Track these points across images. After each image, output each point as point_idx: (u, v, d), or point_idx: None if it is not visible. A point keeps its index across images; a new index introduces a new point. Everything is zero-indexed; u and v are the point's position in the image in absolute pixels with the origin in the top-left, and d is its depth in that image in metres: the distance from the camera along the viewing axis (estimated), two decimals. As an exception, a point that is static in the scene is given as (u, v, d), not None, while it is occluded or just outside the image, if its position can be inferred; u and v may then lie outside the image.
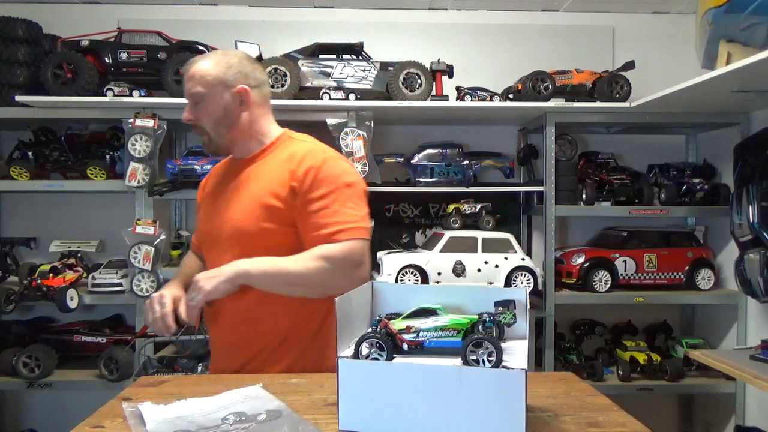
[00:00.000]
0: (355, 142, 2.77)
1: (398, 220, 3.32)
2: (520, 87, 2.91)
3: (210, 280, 1.50)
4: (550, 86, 2.88)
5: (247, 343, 1.60)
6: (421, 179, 3.01)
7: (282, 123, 3.09)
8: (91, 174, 2.86)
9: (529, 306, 1.09)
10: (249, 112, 1.66)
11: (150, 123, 2.73)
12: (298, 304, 1.58)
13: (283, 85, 2.77)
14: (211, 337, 1.74)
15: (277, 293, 1.55)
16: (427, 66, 2.87)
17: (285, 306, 1.57)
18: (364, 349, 1.08)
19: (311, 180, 1.55)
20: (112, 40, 2.84)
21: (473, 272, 2.75)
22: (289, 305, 1.57)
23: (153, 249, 2.73)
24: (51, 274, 2.76)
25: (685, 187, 3.03)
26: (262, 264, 1.52)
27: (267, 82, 1.75)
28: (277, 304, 1.57)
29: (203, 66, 1.64)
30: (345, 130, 2.79)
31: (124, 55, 2.81)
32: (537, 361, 2.91)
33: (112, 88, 2.75)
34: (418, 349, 1.10)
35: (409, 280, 2.70)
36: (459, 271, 2.74)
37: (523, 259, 2.80)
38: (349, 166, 1.67)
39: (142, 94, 2.75)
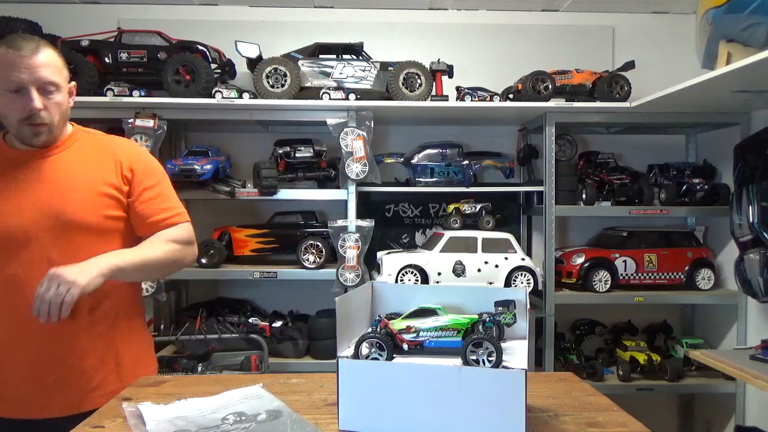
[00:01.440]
0: (355, 142, 2.77)
1: (398, 220, 3.32)
2: (520, 87, 2.91)
3: (82, 274, 1.40)
4: (550, 86, 2.88)
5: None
6: (421, 179, 3.01)
7: (282, 123, 3.11)
8: (91, 174, 2.85)
9: (529, 306, 1.09)
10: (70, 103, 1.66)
11: (150, 123, 2.73)
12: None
13: (283, 85, 2.77)
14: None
15: (137, 281, 1.69)
16: (427, 66, 2.87)
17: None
18: (364, 349, 1.08)
19: (143, 170, 1.68)
20: (112, 40, 2.84)
21: (473, 272, 2.75)
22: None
23: (153, 249, 2.72)
24: (51, 274, 2.75)
25: (685, 187, 3.03)
26: (127, 256, 1.54)
27: None
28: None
29: (53, 54, 1.55)
30: (345, 130, 2.79)
31: (124, 55, 2.81)
32: (537, 361, 2.91)
33: (112, 88, 2.75)
34: (418, 349, 1.10)
35: (409, 280, 2.70)
36: (459, 271, 2.75)
37: (523, 259, 2.80)
38: None
39: (142, 94, 2.75)
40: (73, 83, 1.65)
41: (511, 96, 2.96)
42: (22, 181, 1.56)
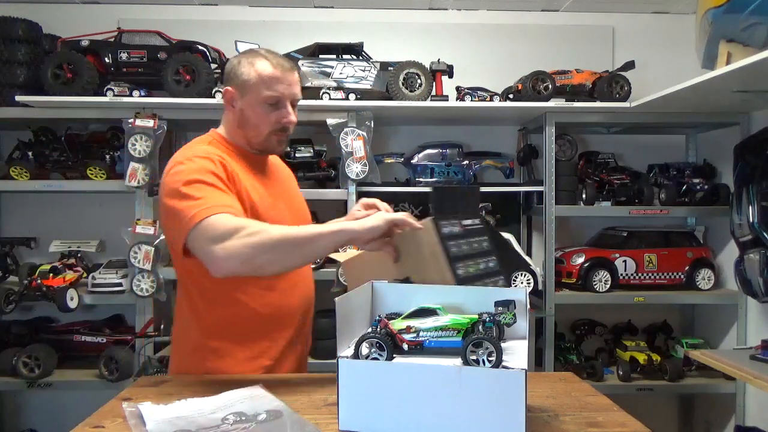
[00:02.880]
0: (355, 142, 2.77)
1: (398, 220, 3.31)
2: (520, 87, 2.91)
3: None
4: (550, 86, 2.88)
5: None
6: (421, 179, 3.01)
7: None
8: (91, 174, 2.86)
9: (529, 306, 1.09)
10: None
11: (150, 123, 2.73)
12: None
13: (283, 85, 2.76)
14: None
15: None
16: (427, 66, 2.87)
17: None
18: (364, 349, 1.08)
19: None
20: (112, 40, 2.84)
21: (473, 272, 2.75)
22: None
23: (153, 249, 2.73)
24: (51, 274, 2.75)
25: (685, 187, 3.03)
26: None
27: None
28: None
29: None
30: (345, 130, 2.79)
31: (124, 55, 2.81)
32: (537, 361, 2.91)
33: (112, 88, 2.75)
34: (418, 349, 1.10)
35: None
36: (459, 271, 2.74)
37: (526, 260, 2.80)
38: None
39: (142, 94, 2.75)
40: None
41: (511, 96, 2.96)
42: (270, 187, 1.65)
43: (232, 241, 1.31)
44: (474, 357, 1.02)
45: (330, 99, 2.77)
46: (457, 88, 2.92)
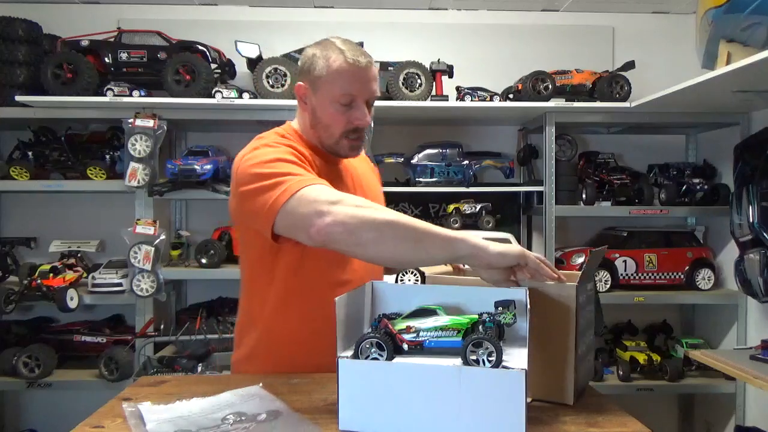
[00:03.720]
0: (355, 142, 2.77)
1: (398, 220, 3.31)
2: (520, 87, 2.91)
3: None
4: (550, 86, 2.88)
5: None
6: (421, 179, 3.01)
7: (282, 123, 3.10)
8: (91, 174, 2.86)
9: (529, 306, 1.08)
10: None
11: (150, 123, 2.73)
12: None
13: (283, 85, 2.77)
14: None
15: None
16: (427, 66, 2.87)
17: None
18: (364, 349, 1.08)
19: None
20: (112, 40, 2.84)
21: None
22: None
23: (153, 249, 2.73)
24: (51, 274, 2.76)
25: (685, 187, 3.03)
26: None
27: None
28: None
29: (376, 68, 1.49)
30: (345, 130, 2.78)
31: (124, 55, 2.81)
32: (537, 361, 2.91)
33: (112, 88, 2.75)
34: (418, 349, 1.10)
35: (409, 280, 2.70)
36: (459, 271, 2.74)
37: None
38: None
39: (142, 94, 2.75)
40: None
41: (511, 96, 2.96)
42: (347, 184, 1.54)
43: (340, 207, 1.21)
44: (474, 357, 1.02)
45: (330, 99, 2.77)
46: (457, 88, 2.92)
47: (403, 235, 1.20)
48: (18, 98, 2.69)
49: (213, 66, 2.83)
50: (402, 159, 3.03)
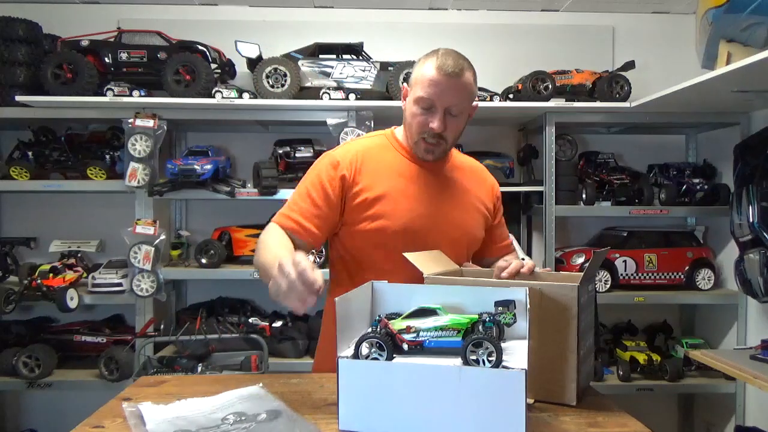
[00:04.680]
0: (355, 142, 2.77)
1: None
2: (520, 87, 2.91)
3: None
4: (550, 86, 2.88)
5: None
6: (421, 179, 3.00)
7: (282, 123, 3.11)
8: (91, 174, 2.86)
9: (529, 306, 1.08)
10: None
11: (150, 123, 2.73)
12: None
13: (283, 85, 2.77)
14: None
15: None
16: (427, 66, 2.87)
17: None
18: (364, 349, 1.08)
19: (498, 197, 1.80)
20: (112, 40, 2.84)
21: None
22: None
23: (153, 249, 2.73)
24: (51, 274, 2.76)
25: (685, 187, 3.03)
26: None
27: None
28: None
29: (470, 78, 1.55)
30: (345, 130, 2.79)
31: (124, 55, 2.81)
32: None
33: (112, 88, 2.75)
34: (418, 349, 1.10)
35: (409, 280, 2.70)
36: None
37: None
38: None
39: (142, 94, 2.75)
40: (476, 104, 1.63)
41: (511, 96, 2.96)
42: (423, 186, 1.61)
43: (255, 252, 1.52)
44: (474, 357, 1.02)
45: (330, 99, 2.77)
46: (457, 88, 2.92)
47: (262, 270, 1.43)
48: (18, 98, 2.69)
49: (213, 66, 2.83)
50: (402, 159, 3.03)
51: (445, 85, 1.50)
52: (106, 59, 2.80)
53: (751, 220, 2.45)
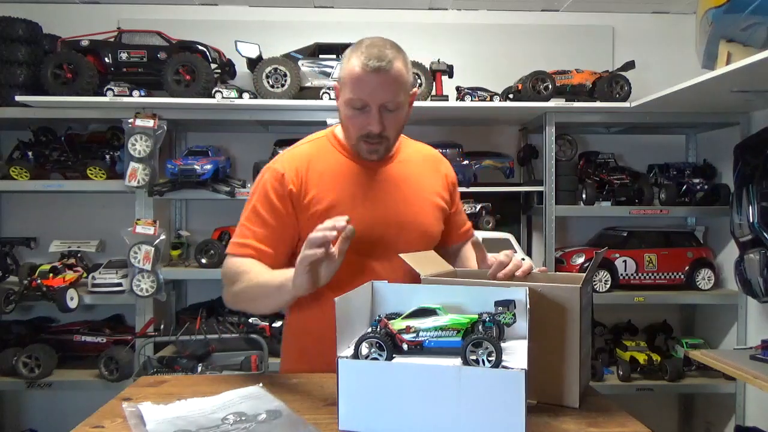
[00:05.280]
0: (355, 142, 2.77)
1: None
2: (520, 87, 2.91)
3: None
4: (550, 86, 2.88)
5: None
6: (421, 179, 3.00)
7: (282, 123, 3.11)
8: (91, 174, 2.86)
9: (529, 306, 1.08)
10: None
11: (150, 123, 2.73)
12: None
13: (283, 85, 2.77)
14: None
15: None
16: (427, 66, 2.87)
17: None
18: (364, 349, 1.08)
19: (454, 183, 1.71)
20: (112, 40, 2.84)
21: (473, 272, 2.75)
22: None
23: (153, 249, 2.73)
24: (51, 274, 2.76)
25: (685, 187, 3.03)
26: None
27: None
28: None
29: (400, 68, 1.42)
30: (345, 130, 2.78)
31: (124, 55, 2.81)
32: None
33: (112, 88, 2.75)
34: (418, 349, 1.10)
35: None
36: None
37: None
38: None
39: (142, 94, 2.75)
40: (415, 90, 1.53)
41: (511, 96, 2.96)
42: (373, 189, 1.54)
43: (226, 288, 1.48)
44: (474, 357, 1.02)
45: (330, 99, 2.77)
46: (457, 88, 2.92)
47: (254, 296, 1.42)
48: (18, 98, 2.69)
49: (213, 66, 2.83)
50: (402, 159, 3.03)
51: (375, 83, 1.39)
52: (106, 59, 2.80)
53: (751, 220, 2.45)
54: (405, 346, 1.10)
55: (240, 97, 2.73)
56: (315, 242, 1.23)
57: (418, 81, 2.83)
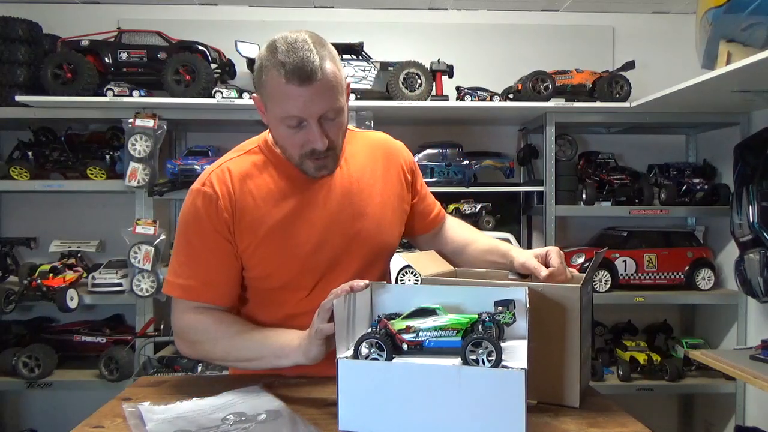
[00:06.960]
0: (355, 142, 2.77)
1: (398, 220, 3.31)
2: (520, 87, 2.91)
3: None
4: (550, 86, 2.88)
5: None
6: (421, 179, 3.01)
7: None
8: (91, 174, 2.86)
9: (528, 305, 1.08)
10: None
11: (150, 123, 2.73)
12: None
13: (283, 85, 2.76)
14: None
15: None
16: (427, 66, 2.87)
17: None
18: (364, 349, 1.08)
19: (411, 166, 1.53)
20: (112, 40, 2.84)
21: (473, 272, 2.75)
22: None
23: (153, 249, 2.73)
24: (51, 274, 2.76)
25: (685, 187, 3.03)
26: None
27: None
28: None
29: (330, 68, 1.20)
30: (345, 130, 2.78)
31: (124, 55, 2.81)
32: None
33: (112, 88, 2.75)
34: (418, 349, 1.10)
35: (409, 280, 2.70)
36: (459, 271, 2.74)
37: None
38: None
39: (142, 94, 2.75)
40: (348, 82, 1.30)
41: (511, 96, 2.96)
42: (319, 204, 1.35)
43: (185, 343, 1.35)
44: (473, 357, 1.02)
45: (330, 99, 2.77)
46: (457, 88, 2.92)
47: (235, 359, 1.33)
48: (18, 98, 2.69)
49: (213, 66, 2.83)
50: (402, 159, 3.03)
51: (307, 96, 1.18)
52: (106, 59, 2.80)
53: (751, 220, 2.45)
54: (405, 346, 1.10)
55: (240, 97, 2.73)
56: (329, 312, 1.12)
57: (419, 81, 2.83)
